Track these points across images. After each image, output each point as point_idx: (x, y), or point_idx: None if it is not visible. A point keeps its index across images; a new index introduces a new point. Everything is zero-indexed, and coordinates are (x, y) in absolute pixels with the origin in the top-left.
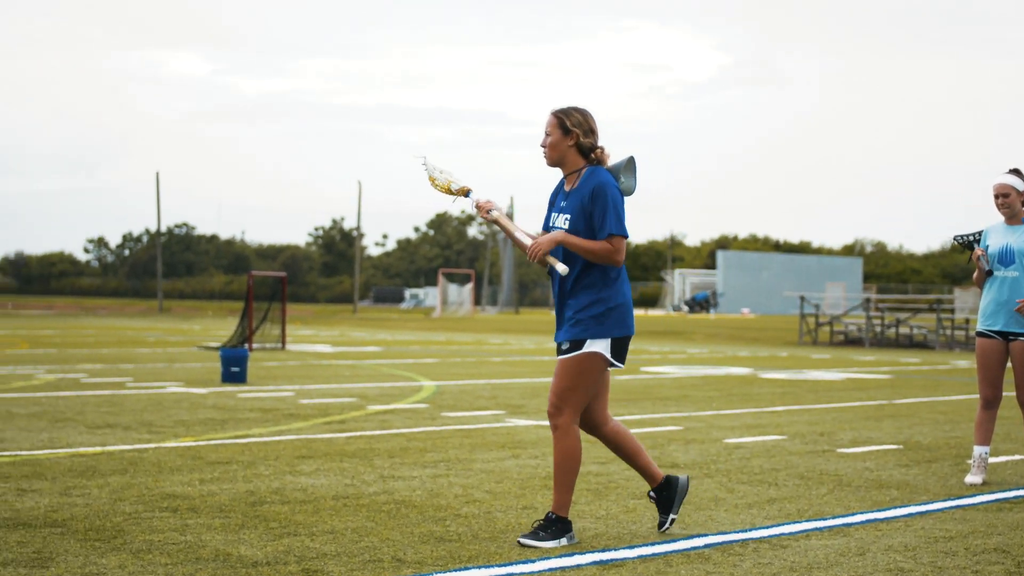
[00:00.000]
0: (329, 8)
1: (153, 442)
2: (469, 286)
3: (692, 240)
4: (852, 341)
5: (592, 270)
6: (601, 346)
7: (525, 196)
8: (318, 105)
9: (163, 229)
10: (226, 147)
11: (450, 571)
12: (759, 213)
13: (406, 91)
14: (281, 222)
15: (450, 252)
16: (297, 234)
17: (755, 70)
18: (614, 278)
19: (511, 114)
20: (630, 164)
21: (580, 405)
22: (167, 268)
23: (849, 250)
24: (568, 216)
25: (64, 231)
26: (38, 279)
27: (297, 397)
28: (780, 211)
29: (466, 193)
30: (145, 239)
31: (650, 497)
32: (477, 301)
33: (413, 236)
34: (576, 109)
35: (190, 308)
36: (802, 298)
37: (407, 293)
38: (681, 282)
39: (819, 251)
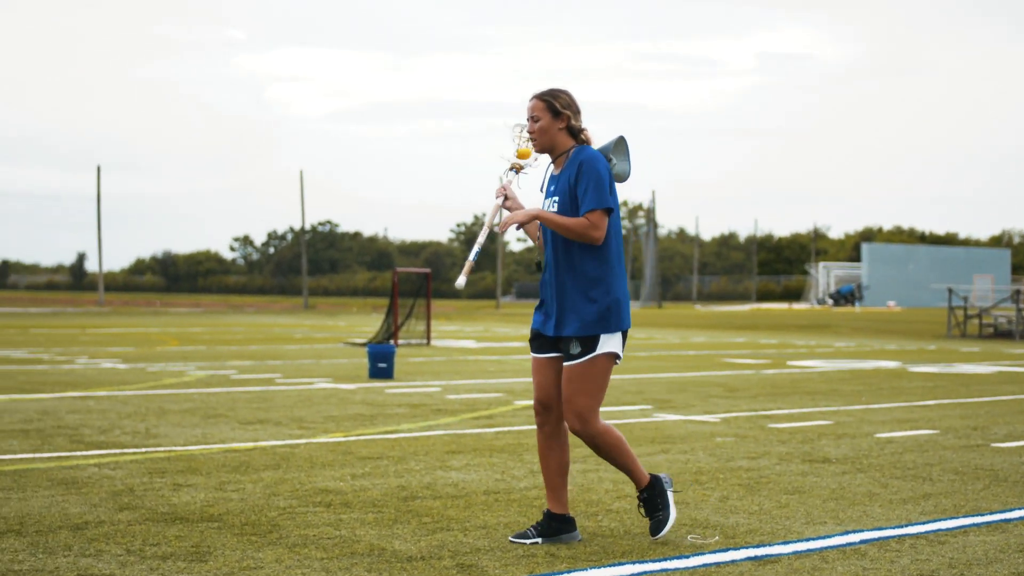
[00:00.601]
0: (470, 5)
1: (304, 438)
2: None
3: (836, 232)
4: (1002, 334)
5: (593, 256)
6: (613, 343)
7: (665, 188)
8: (460, 102)
9: (307, 227)
10: (369, 144)
11: (604, 567)
12: (904, 205)
13: (544, 84)
14: (423, 219)
15: None
16: (439, 230)
17: (896, 59)
18: (615, 264)
19: (652, 107)
20: (621, 145)
21: (599, 406)
22: (311, 265)
23: (996, 241)
24: (556, 199)
25: (210, 230)
26: (185, 277)
27: (444, 392)
28: (925, 202)
29: (517, 170)
30: (289, 237)
31: (544, 515)
32: None
33: None
34: (561, 90)
35: (334, 305)
36: (950, 290)
37: None
38: (825, 275)
39: (966, 242)
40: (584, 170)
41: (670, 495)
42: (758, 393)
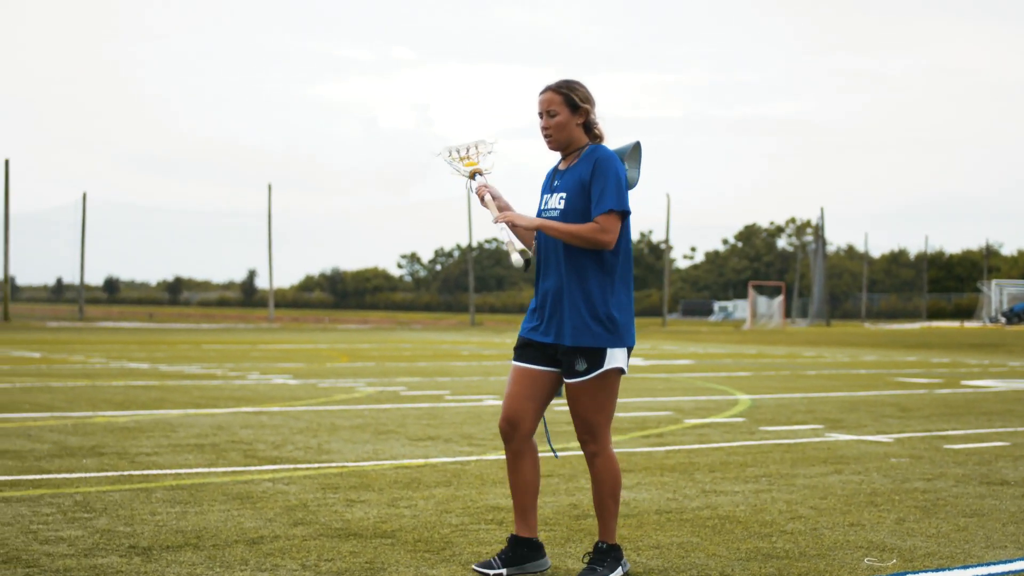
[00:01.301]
0: (637, 22)
1: (474, 454)
2: (779, 298)
3: (1009, 249)
4: None
5: (601, 263)
6: (621, 358)
7: (834, 204)
8: (623, 119)
9: (474, 244)
10: (536, 161)
11: None
12: None
13: (712, 102)
14: None
15: (759, 264)
16: None
17: None
18: (624, 274)
19: (819, 122)
20: (636, 152)
21: (610, 423)
22: (478, 282)
23: None
24: (564, 194)
25: (378, 247)
26: (353, 294)
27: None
28: None
29: (473, 176)
30: (456, 254)
31: (509, 541)
32: (787, 313)
33: (721, 248)
34: (576, 81)
35: (501, 322)
36: None
37: (716, 306)
38: (998, 293)
39: None
40: (601, 169)
41: (620, 571)
42: (931, 413)
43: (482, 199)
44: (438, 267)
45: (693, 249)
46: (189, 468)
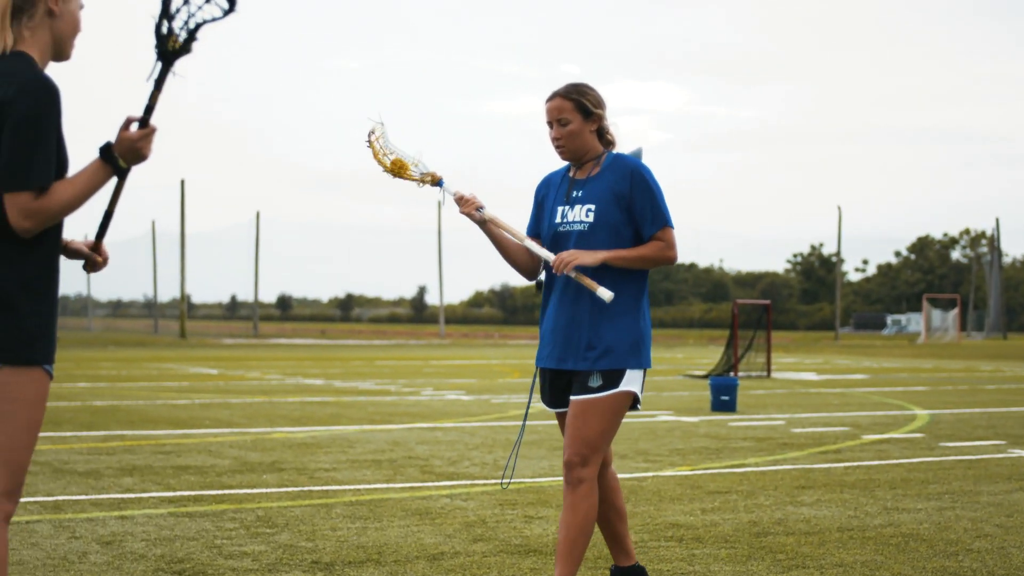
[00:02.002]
0: (802, 34)
1: (651, 471)
2: (954, 311)
3: None
4: None
5: (627, 285)
6: (636, 380)
7: (1011, 217)
8: (794, 130)
9: None
10: (704, 175)
11: None
12: None
13: (882, 111)
14: (759, 249)
15: (932, 276)
16: (775, 261)
17: None
18: (641, 289)
19: (993, 132)
20: (639, 158)
21: (604, 454)
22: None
23: None
24: (592, 206)
25: None
26: (523, 309)
27: (788, 426)
28: None
29: (437, 182)
30: None
31: (612, 572)
32: (963, 327)
33: (894, 261)
34: (586, 85)
35: (671, 336)
36: None
37: (888, 319)
38: None
39: None
40: (645, 183)
41: None
42: None
43: (477, 210)
44: None
45: (865, 262)
46: (367, 484)
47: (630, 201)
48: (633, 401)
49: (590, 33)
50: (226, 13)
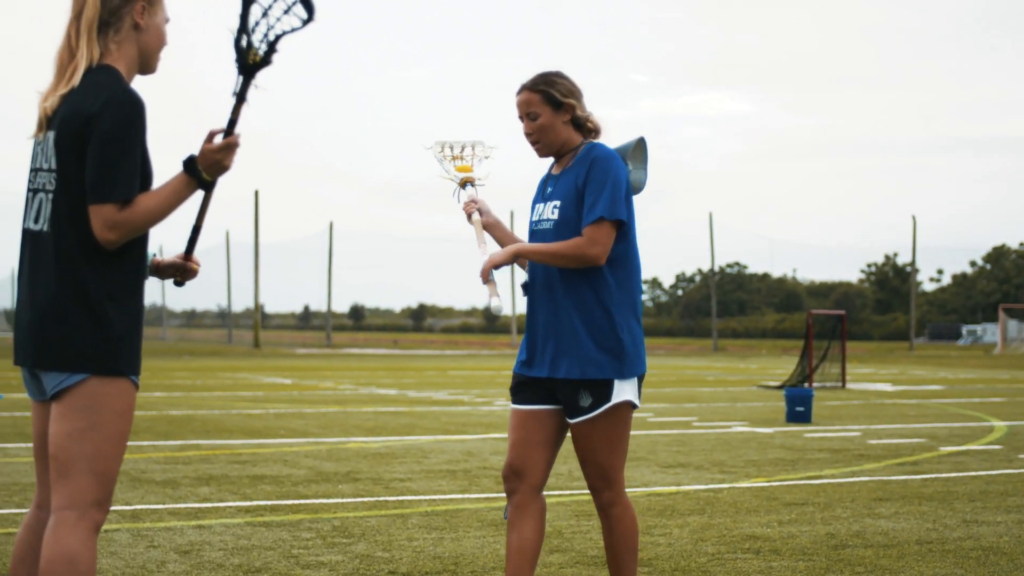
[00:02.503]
0: (875, 43)
1: (727, 482)
2: None
3: None
4: None
5: (602, 280)
6: (629, 390)
7: None
8: (868, 139)
9: (715, 268)
10: (777, 185)
11: None
12: None
13: (960, 120)
14: (832, 259)
15: (1009, 286)
16: (849, 271)
17: None
18: (631, 291)
19: None
20: (640, 148)
21: (624, 467)
22: (720, 307)
23: None
24: (558, 203)
25: None
26: None
27: (865, 437)
28: None
29: (464, 184)
30: (698, 279)
31: None
32: None
33: (969, 271)
34: (555, 73)
35: (744, 347)
36: None
37: (964, 330)
38: None
39: None
40: (597, 171)
41: None
42: None
43: (469, 216)
44: (679, 292)
45: (940, 272)
46: (443, 494)
47: (584, 192)
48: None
49: (660, 42)
50: (305, 23)
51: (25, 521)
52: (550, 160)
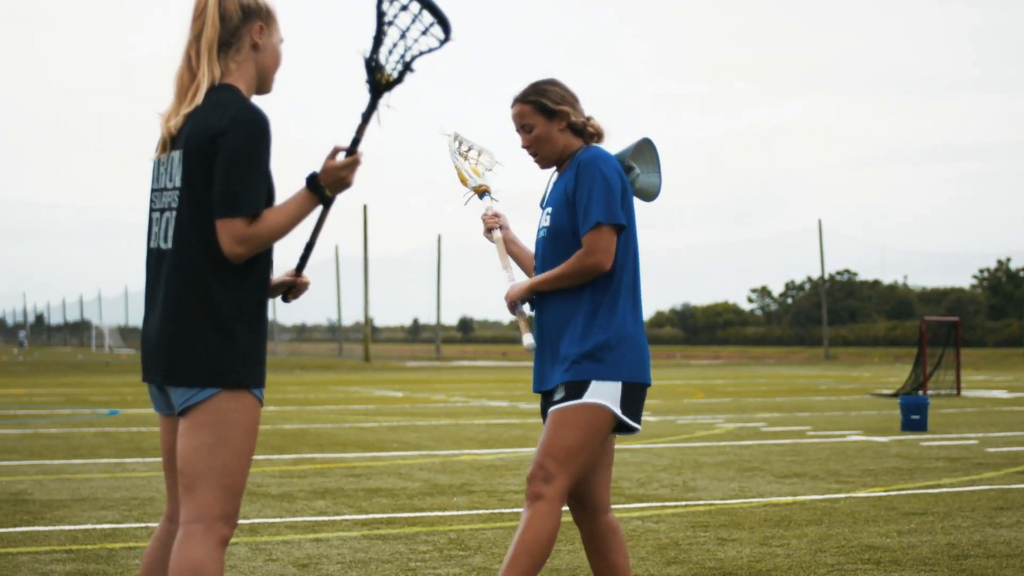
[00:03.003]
0: (989, 46)
1: (843, 492)
2: None
3: None
4: None
5: (585, 289)
6: (608, 393)
7: None
8: (978, 144)
9: (825, 276)
10: (886, 191)
11: None
12: None
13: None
14: (944, 265)
15: None
16: (961, 276)
17: None
18: (625, 294)
19: None
20: (644, 150)
21: (575, 475)
22: (831, 315)
23: None
24: (550, 209)
25: (728, 281)
26: (704, 329)
27: (982, 445)
28: None
29: (481, 194)
30: (807, 287)
31: None
32: None
33: None
34: (546, 81)
35: (854, 355)
36: None
37: None
38: None
39: None
40: (583, 175)
41: None
42: None
43: (489, 231)
44: (789, 300)
45: None
46: None
47: (575, 198)
48: (620, 425)
49: (765, 49)
50: (442, 43)
51: (156, 533)
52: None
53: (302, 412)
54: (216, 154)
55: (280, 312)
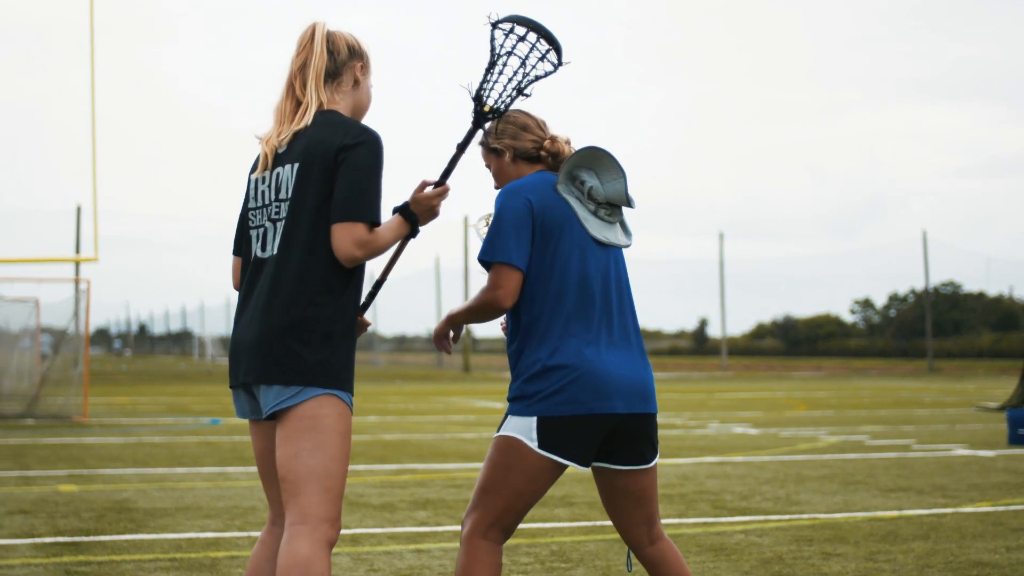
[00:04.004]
0: None
1: (950, 507)
2: None
3: None
4: None
5: (518, 325)
6: (520, 428)
7: None
8: None
9: (930, 288)
10: (991, 201)
11: None
12: None
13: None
14: None
15: None
16: None
17: None
18: (553, 329)
19: None
20: (598, 158)
21: (496, 513)
22: (935, 327)
23: None
24: None
25: (830, 293)
26: (805, 341)
27: None
28: None
29: None
30: (911, 299)
31: None
32: None
33: None
34: (502, 118)
35: (959, 367)
36: None
37: None
38: None
39: None
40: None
41: None
42: None
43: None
44: (892, 312)
45: None
46: (664, 519)
47: None
48: (541, 456)
49: (870, 58)
50: (556, 67)
51: (260, 538)
52: None
53: (402, 422)
54: (338, 166)
55: (381, 323)
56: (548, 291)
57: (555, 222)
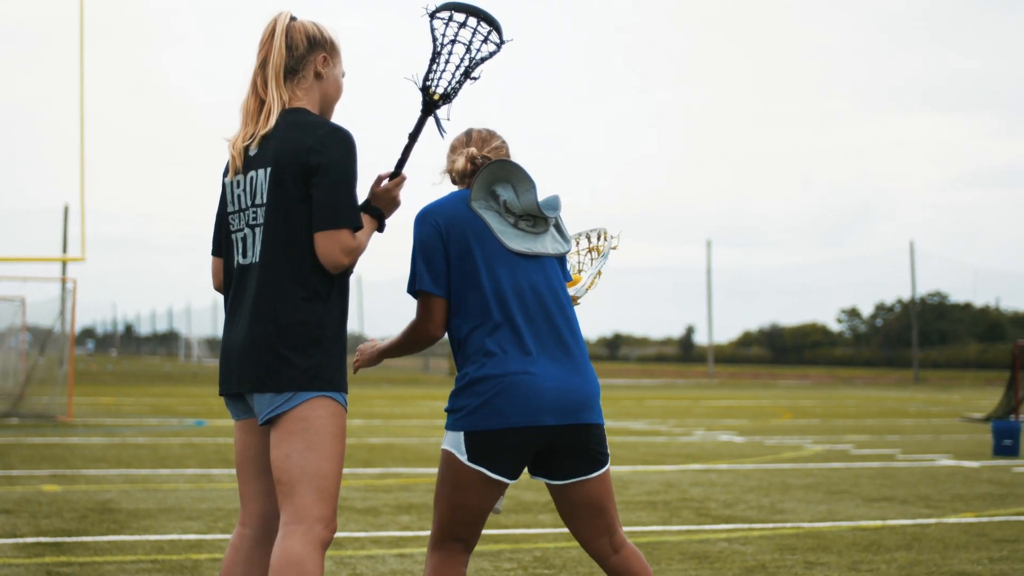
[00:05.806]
0: None
1: (934, 517)
2: None
3: None
4: None
5: (450, 337)
6: (452, 441)
7: None
8: None
9: (916, 298)
10: (979, 212)
11: None
12: None
13: None
14: None
15: None
16: None
17: None
18: (471, 339)
19: None
20: (509, 171)
21: (443, 524)
22: (920, 337)
23: None
24: None
25: (817, 302)
26: (792, 349)
27: None
28: None
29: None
30: (898, 308)
31: None
32: None
33: None
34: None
35: (944, 378)
36: None
37: None
38: None
39: None
40: None
41: None
42: None
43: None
44: (879, 322)
45: None
46: (643, 526)
47: None
48: (471, 469)
49: (860, 67)
50: (499, 47)
51: (231, 542)
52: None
53: (388, 426)
54: (311, 170)
55: (367, 326)
56: (472, 308)
57: (467, 239)
